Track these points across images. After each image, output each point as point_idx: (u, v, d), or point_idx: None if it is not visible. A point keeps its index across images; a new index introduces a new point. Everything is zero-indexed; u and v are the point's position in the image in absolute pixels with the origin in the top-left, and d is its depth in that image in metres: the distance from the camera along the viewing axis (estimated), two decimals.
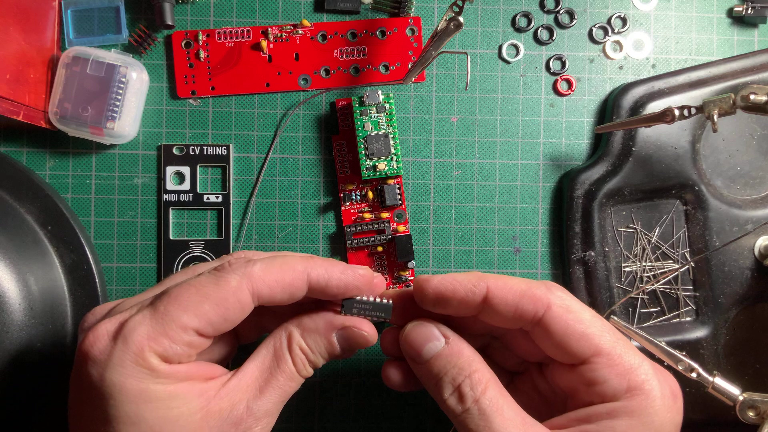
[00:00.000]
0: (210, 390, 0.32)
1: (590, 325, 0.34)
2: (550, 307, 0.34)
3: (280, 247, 0.48)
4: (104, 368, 0.31)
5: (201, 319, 0.31)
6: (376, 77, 0.48)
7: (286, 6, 0.48)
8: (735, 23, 0.50)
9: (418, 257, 0.48)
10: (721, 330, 0.47)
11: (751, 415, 0.40)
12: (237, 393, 0.33)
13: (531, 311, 0.34)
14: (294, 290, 0.34)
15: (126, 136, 0.46)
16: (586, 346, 0.33)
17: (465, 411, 0.33)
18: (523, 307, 0.34)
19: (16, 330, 0.44)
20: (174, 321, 0.31)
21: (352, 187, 0.48)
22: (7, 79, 0.41)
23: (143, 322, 0.31)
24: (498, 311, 0.34)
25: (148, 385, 0.31)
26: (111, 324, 0.32)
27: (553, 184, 0.49)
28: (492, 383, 0.34)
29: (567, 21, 0.49)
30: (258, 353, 0.35)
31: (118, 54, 0.46)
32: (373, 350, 0.48)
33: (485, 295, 0.34)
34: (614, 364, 0.33)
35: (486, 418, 0.32)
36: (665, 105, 0.45)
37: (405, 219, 0.48)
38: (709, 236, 0.47)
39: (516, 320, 0.35)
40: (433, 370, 0.35)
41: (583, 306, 0.35)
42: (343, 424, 0.48)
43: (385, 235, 0.47)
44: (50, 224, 0.46)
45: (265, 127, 0.48)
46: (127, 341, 0.31)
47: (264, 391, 0.33)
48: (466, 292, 0.34)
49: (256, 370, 0.34)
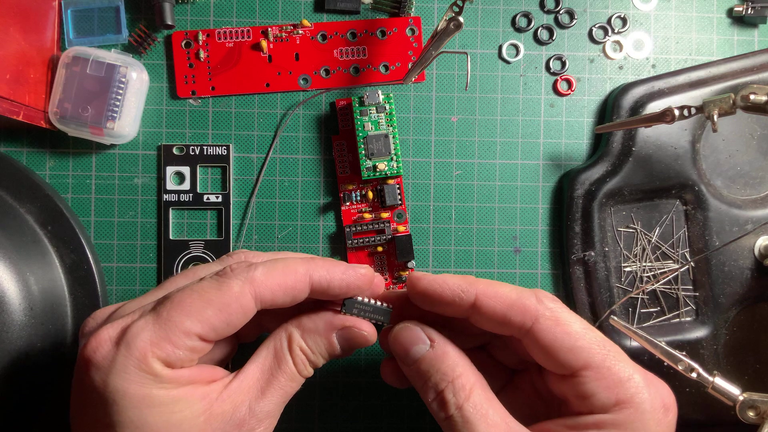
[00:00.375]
0: (212, 393, 0.32)
1: (579, 338, 0.34)
2: (538, 319, 0.34)
3: (280, 247, 0.48)
4: (107, 374, 0.31)
5: (204, 324, 0.32)
6: (377, 77, 0.48)
7: (286, 6, 0.48)
8: (735, 23, 0.50)
9: (418, 257, 0.48)
10: (721, 330, 0.47)
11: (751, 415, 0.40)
12: (239, 395, 0.33)
13: (519, 322, 0.34)
14: (296, 293, 0.34)
15: (126, 136, 0.46)
16: (575, 359, 0.33)
17: (448, 418, 0.33)
18: (511, 318, 0.34)
19: (16, 330, 0.44)
20: (177, 327, 0.31)
21: (352, 187, 0.48)
22: (7, 79, 0.41)
23: (146, 328, 0.31)
24: (486, 318, 0.35)
25: (151, 391, 0.31)
26: (113, 329, 0.32)
27: (553, 184, 0.49)
28: (477, 388, 0.34)
29: (567, 21, 0.49)
30: (258, 354, 0.35)
31: (118, 54, 0.46)
32: (373, 350, 0.48)
33: (473, 302, 0.34)
34: (603, 378, 0.33)
35: (470, 425, 0.32)
36: (665, 105, 0.45)
37: (405, 219, 0.48)
38: (709, 236, 0.47)
39: (504, 329, 0.35)
40: (418, 372, 0.35)
41: (573, 317, 0.34)
42: (343, 424, 0.48)
43: (385, 235, 0.47)
44: (50, 224, 0.46)
45: (265, 127, 0.48)
46: (130, 347, 0.31)
47: (265, 392, 0.34)
48: (453, 296, 0.35)
49: (257, 372, 0.34)
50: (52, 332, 0.45)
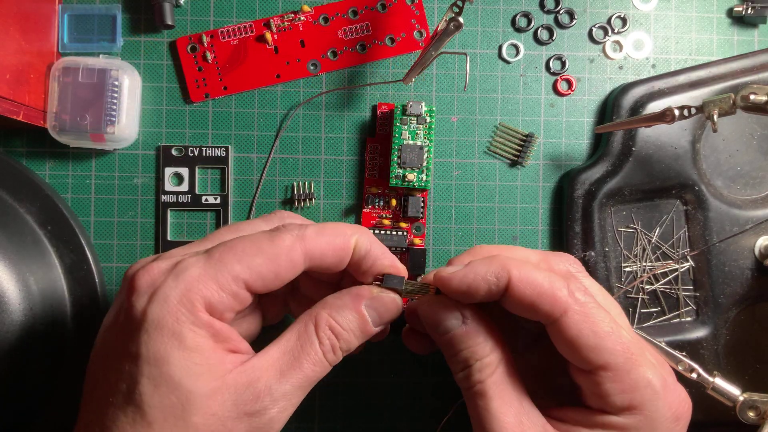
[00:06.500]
0: (230, 362, 0.32)
1: (604, 337, 0.33)
2: (567, 312, 0.33)
3: None
4: (149, 301, 0.31)
5: (253, 271, 0.32)
6: (384, 52, 0.48)
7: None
8: (735, 23, 0.50)
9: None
10: (721, 330, 0.47)
11: (751, 416, 0.40)
12: (255, 371, 0.32)
13: (547, 311, 0.33)
14: (343, 254, 0.35)
15: (127, 139, 0.46)
16: (595, 358, 0.33)
17: (470, 388, 0.35)
18: (540, 306, 0.33)
19: (16, 330, 0.44)
20: (227, 268, 0.32)
21: (377, 191, 0.48)
22: (7, 80, 0.41)
23: (197, 264, 0.32)
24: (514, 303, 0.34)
25: (183, 328, 0.31)
26: (164, 262, 0.33)
27: (553, 184, 0.49)
28: (501, 367, 0.34)
29: (567, 21, 0.49)
30: (282, 337, 0.34)
31: (107, 59, 0.46)
32: (373, 350, 0.48)
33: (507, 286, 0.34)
34: (620, 380, 0.33)
35: (486, 399, 0.34)
36: (665, 105, 0.45)
37: (423, 233, 0.48)
38: (710, 236, 0.47)
39: (531, 314, 0.34)
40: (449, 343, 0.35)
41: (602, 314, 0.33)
42: (343, 424, 0.48)
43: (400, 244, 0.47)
44: (50, 224, 0.46)
45: (265, 127, 0.48)
46: (178, 278, 0.31)
47: (285, 374, 0.33)
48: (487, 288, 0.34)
49: (278, 352, 0.33)
50: (52, 332, 0.45)
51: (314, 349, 0.34)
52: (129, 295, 0.32)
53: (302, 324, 0.34)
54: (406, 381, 0.48)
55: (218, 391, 0.31)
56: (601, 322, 0.33)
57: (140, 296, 0.32)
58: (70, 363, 0.45)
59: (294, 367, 0.33)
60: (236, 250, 0.32)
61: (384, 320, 0.36)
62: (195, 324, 0.31)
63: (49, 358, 0.45)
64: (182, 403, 0.30)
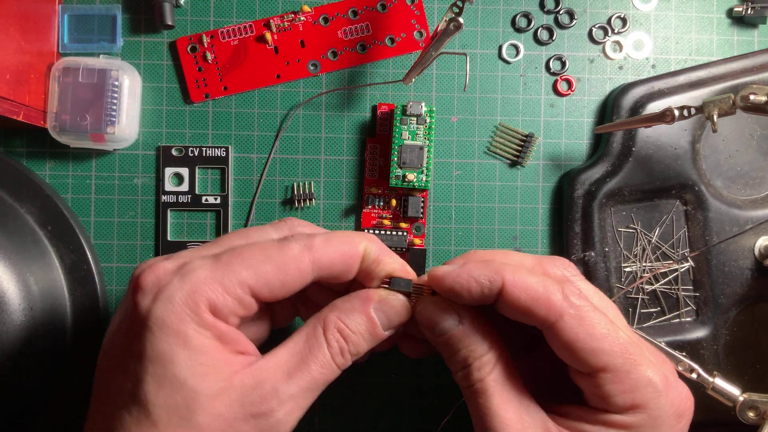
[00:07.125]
0: (236, 363, 0.32)
1: (601, 339, 0.33)
2: (562, 316, 0.33)
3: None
4: (154, 300, 0.31)
5: (259, 278, 0.32)
6: (384, 52, 0.48)
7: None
8: (735, 23, 0.50)
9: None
10: (721, 330, 0.47)
11: (751, 416, 0.40)
12: (262, 373, 0.32)
13: (542, 316, 0.33)
14: (352, 262, 0.35)
15: (128, 139, 0.46)
16: (593, 360, 0.33)
17: (470, 387, 0.35)
18: (535, 311, 0.33)
19: (16, 330, 0.44)
20: (234, 273, 0.32)
21: (377, 191, 0.48)
22: (7, 80, 0.41)
23: (204, 267, 0.32)
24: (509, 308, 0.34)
25: (188, 329, 0.31)
26: (171, 262, 0.33)
27: (553, 184, 0.49)
28: (499, 365, 0.34)
29: (567, 21, 0.49)
30: (290, 339, 0.34)
31: (107, 59, 0.46)
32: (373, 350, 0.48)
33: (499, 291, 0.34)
34: (620, 381, 0.33)
35: (486, 397, 0.34)
36: (665, 105, 0.45)
37: (422, 233, 0.48)
38: (709, 236, 0.47)
39: (526, 319, 0.34)
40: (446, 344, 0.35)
41: (598, 316, 0.33)
42: (343, 424, 0.48)
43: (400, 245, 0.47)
44: (50, 224, 0.46)
45: (265, 127, 0.48)
46: (184, 279, 0.31)
47: (292, 376, 0.33)
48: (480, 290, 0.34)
49: (286, 354, 0.33)
50: (52, 332, 0.45)
51: (322, 352, 0.34)
52: (134, 295, 0.32)
53: (311, 326, 0.34)
54: (406, 381, 0.48)
55: (224, 391, 0.31)
56: (597, 325, 0.33)
57: (145, 295, 0.32)
58: (70, 363, 0.45)
59: (301, 369, 0.33)
60: (244, 256, 0.32)
61: (393, 323, 0.36)
62: (199, 325, 0.31)
63: (49, 358, 0.45)
64: (187, 403, 0.30)
